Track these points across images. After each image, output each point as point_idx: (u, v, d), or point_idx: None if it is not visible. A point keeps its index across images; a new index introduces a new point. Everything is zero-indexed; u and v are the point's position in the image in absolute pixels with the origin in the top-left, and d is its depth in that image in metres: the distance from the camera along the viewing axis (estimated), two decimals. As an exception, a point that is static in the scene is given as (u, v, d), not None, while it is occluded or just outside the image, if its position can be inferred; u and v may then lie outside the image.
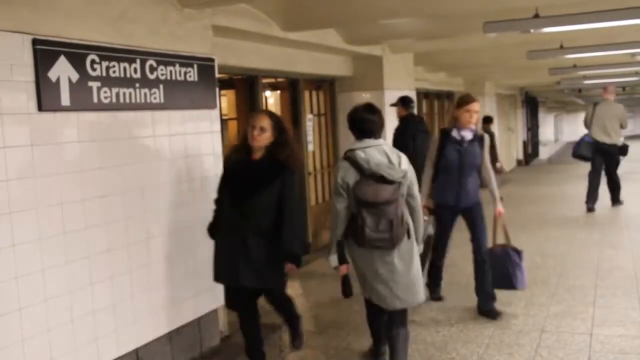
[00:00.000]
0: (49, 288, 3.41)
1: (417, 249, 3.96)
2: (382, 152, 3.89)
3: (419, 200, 4.00)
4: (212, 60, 4.75)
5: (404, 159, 3.95)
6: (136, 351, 4.05)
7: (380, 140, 3.97)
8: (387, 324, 4.06)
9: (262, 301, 4.21)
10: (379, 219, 3.75)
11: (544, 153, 25.86)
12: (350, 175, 3.81)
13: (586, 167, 10.55)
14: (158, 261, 4.22)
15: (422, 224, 4.09)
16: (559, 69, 11.64)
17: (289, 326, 4.43)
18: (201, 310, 4.65)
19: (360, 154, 3.85)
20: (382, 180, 3.76)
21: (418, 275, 3.94)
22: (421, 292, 3.97)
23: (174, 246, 4.36)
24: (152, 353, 4.19)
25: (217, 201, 4.18)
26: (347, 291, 4.02)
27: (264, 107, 7.41)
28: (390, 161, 3.86)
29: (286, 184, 3.91)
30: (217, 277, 4.11)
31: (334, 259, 3.95)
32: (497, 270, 5.17)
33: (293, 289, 6.34)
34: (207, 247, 4.69)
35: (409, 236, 3.87)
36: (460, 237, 8.93)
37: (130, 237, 3.99)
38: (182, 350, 4.46)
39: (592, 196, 10.22)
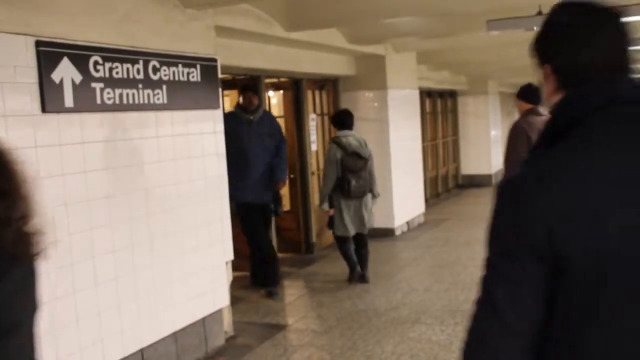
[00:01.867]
0: (54, 289, 3.41)
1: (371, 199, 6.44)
2: (355, 138, 6.31)
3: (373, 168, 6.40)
4: (214, 60, 4.75)
5: (367, 143, 6.44)
6: (141, 351, 4.05)
7: (353, 131, 6.37)
8: (355, 247, 6.41)
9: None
10: (358, 180, 6.14)
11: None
12: (338, 153, 6.13)
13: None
14: (162, 261, 4.22)
15: (377, 184, 6.47)
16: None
17: None
18: (206, 311, 4.65)
19: (343, 140, 6.21)
20: (358, 156, 6.17)
21: (370, 215, 6.41)
22: (368, 224, 6.40)
23: (177, 246, 4.36)
24: (157, 353, 4.20)
25: None
26: (331, 225, 6.36)
27: (267, 107, 7.41)
28: (360, 144, 6.26)
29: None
30: None
31: (326, 205, 6.28)
32: None
33: (297, 289, 6.35)
34: (210, 247, 4.70)
35: (369, 191, 6.34)
36: (463, 235, 8.94)
37: (134, 238, 3.99)
38: (187, 350, 4.47)
39: None
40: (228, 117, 5.99)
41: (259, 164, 5.99)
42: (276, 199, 6.21)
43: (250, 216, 6.09)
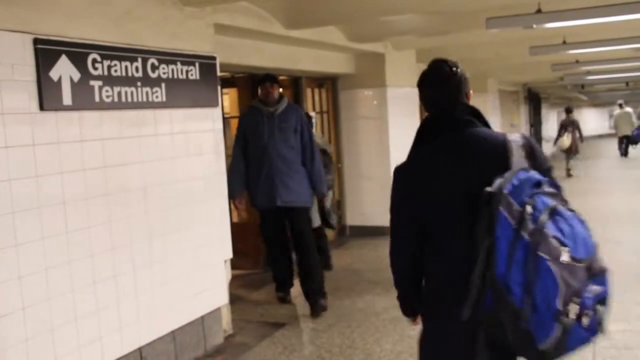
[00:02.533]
0: (52, 287, 3.40)
1: None
2: (318, 137, 6.67)
3: None
4: (213, 58, 4.74)
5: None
6: (140, 350, 4.05)
7: (314, 130, 6.46)
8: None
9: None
10: (327, 174, 6.22)
11: (547, 149, 25.79)
12: None
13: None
14: (160, 260, 4.22)
15: None
16: (562, 65, 11.60)
17: None
18: (204, 309, 4.65)
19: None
20: (325, 152, 6.54)
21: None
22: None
23: (176, 245, 4.36)
24: (156, 352, 4.19)
25: None
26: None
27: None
28: (325, 142, 6.98)
29: None
30: None
31: None
32: None
33: (296, 287, 6.34)
34: (209, 246, 4.69)
35: None
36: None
37: (132, 236, 3.98)
38: (186, 348, 4.46)
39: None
40: (247, 113, 5.69)
41: (280, 162, 5.34)
42: (324, 213, 6.20)
43: (269, 222, 5.64)
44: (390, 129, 8.63)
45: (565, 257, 1.88)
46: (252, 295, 6.09)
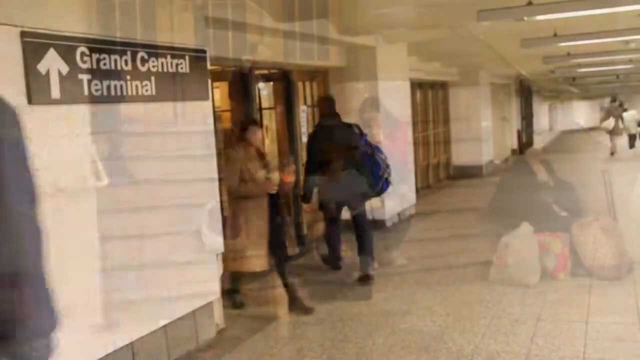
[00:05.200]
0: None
1: None
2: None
3: None
4: (204, 51, 4.71)
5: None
6: (131, 345, 4.03)
7: None
8: None
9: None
10: None
11: (539, 142, 25.87)
12: None
13: (582, 156, 10.69)
14: (152, 255, 4.19)
15: None
16: (553, 58, 11.63)
17: None
18: (196, 303, 4.63)
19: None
20: None
21: None
22: None
23: (167, 240, 4.33)
24: (148, 346, 4.18)
25: None
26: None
27: (257, 99, 7.40)
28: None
29: None
30: None
31: None
32: None
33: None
34: (200, 240, 4.67)
35: None
36: (454, 226, 8.94)
37: (124, 231, 3.96)
38: (178, 343, 4.45)
39: None
40: None
41: None
42: None
43: None
44: (382, 122, 8.62)
45: (377, 159, 6.24)
46: (244, 290, 6.08)
